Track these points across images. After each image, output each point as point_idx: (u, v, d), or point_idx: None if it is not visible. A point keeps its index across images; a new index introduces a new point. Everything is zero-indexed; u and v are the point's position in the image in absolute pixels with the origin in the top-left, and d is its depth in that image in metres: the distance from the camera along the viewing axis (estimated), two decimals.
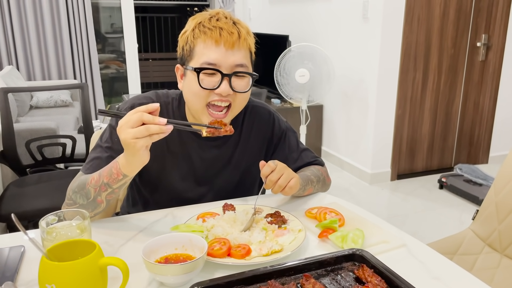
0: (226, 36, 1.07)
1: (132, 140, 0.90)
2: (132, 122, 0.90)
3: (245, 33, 1.12)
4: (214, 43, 1.08)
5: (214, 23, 1.09)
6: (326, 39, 3.97)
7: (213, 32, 1.08)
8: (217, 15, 1.12)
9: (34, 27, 4.59)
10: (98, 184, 1.03)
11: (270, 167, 1.11)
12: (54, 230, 0.90)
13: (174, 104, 1.24)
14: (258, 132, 1.30)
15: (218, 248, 0.94)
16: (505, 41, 3.75)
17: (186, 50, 1.12)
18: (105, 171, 1.02)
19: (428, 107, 3.70)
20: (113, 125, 1.17)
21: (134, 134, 0.90)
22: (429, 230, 2.86)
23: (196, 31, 1.10)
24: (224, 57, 1.08)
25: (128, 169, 0.98)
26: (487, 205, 1.43)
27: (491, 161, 4.04)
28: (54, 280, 0.72)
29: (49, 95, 4.34)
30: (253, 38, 1.16)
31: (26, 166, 2.33)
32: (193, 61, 1.11)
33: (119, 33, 6.27)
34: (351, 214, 1.16)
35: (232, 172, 1.28)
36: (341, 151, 4.01)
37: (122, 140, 0.92)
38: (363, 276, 0.83)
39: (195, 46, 1.10)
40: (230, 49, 1.08)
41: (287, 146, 1.34)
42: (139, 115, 0.90)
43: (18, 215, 0.76)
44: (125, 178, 1.01)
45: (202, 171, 1.25)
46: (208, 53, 1.08)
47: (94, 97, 4.98)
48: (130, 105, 1.18)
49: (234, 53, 1.09)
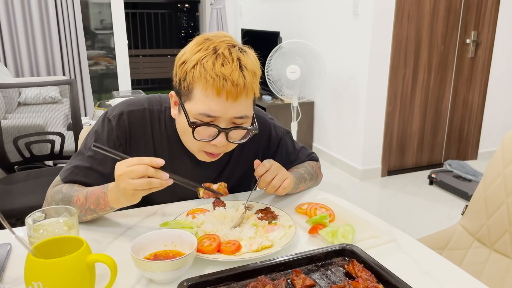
0: (229, 88, 0.96)
1: (132, 191, 0.91)
2: (134, 174, 0.89)
3: (251, 80, 1.00)
4: (215, 93, 0.97)
5: (218, 70, 0.96)
6: (317, 35, 3.97)
7: (215, 82, 0.96)
8: (222, 55, 0.98)
9: (22, 22, 4.53)
10: (84, 207, 1.03)
11: (264, 167, 1.10)
12: (41, 227, 0.89)
13: (167, 114, 1.16)
14: (253, 143, 1.23)
15: (208, 244, 0.94)
16: (494, 38, 3.78)
17: (183, 87, 1.02)
18: (92, 197, 1.02)
19: (418, 104, 3.72)
20: (98, 131, 1.13)
21: (136, 186, 0.90)
22: (419, 226, 2.88)
23: (196, 73, 0.98)
24: (224, 110, 0.99)
25: (116, 204, 1.00)
26: (476, 201, 1.44)
27: (480, 157, 4.08)
28: (41, 277, 0.71)
29: (38, 92, 4.29)
30: (259, 76, 1.04)
31: (14, 163, 2.29)
32: (191, 104, 1.01)
33: (108, 29, 6.21)
34: (341, 209, 1.16)
35: (226, 182, 1.25)
36: (332, 148, 4.02)
37: (121, 188, 0.92)
38: (353, 271, 0.83)
39: (194, 88, 0.99)
40: (233, 102, 0.98)
41: (284, 151, 1.31)
42: (143, 169, 0.89)
43: (5, 213, 0.75)
44: (112, 209, 1.02)
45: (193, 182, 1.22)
46: (208, 104, 0.98)
47: (83, 94, 4.93)
48: (119, 112, 1.13)
49: (236, 105, 0.99)
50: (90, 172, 1.11)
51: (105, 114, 1.14)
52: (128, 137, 1.13)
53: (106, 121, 1.13)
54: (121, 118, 1.12)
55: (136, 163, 0.90)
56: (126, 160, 0.93)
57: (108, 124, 1.12)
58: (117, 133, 1.12)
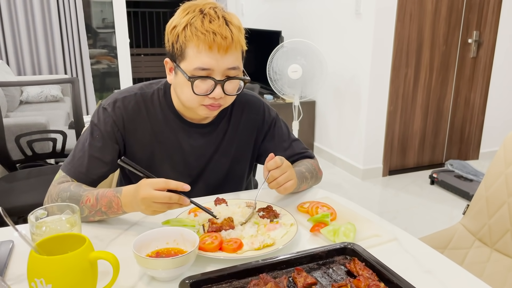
0: (219, 41, 1.05)
1: (151, 211, 0.97)
2: (159, 200, 0.94)
3: (237, 34, 1.09)
4: (207, 48, 1.06)
5: (207, 26, 1.06)
6: (319, 35, 3.96)
7: (206, 37, 1.05)
8: (209, 14, 1.08)
9: (24, 20, 4.53)
10: (94, 208, 1.05)
11: (276, 163, 1.11)
12: (44, 224, 0.89)
13: (160, 93, 1.23)
14: (248, 120, 1.30)
15: (210, 242, 0.94)
16: (496, 37, 3.77)
17: (176, 49, 1.10)
18: (104, 200, 1.05)
19: (419, 104, 3.72)
20: (94, 121, 1.18)
21: (156, 209, 0.96)
22: (420, 225, 2.88)
23: (188, 32, 1.07)
24: (217, 62, 1.07)
25: (129, 209, 1.04)
26: (477, 200, 1.44)
27: (481, 157, 4.07)
28: (43, 274, 0.71)
29: (40, 90, 4.29)
30: (244, 33, 1.14)
31: (16, 162, 2.30)
32: (185, 63, 1.09)
33: (110, 28, 6.22)
34: (343, 208, 1.17)
35: (221, 160, 1.29)
36: (333, 147, 4.02)
37: (142, 208, 0.97)
38: (355, 270, 0.83)
39: (187, 48, 1.08)
40: (223, 54, 1.07)
41: (277, 134, 1.35)
42: (167, 198, 0.94)
43: (7, 211, 0.75)
44: (124, 213, 1.06)
45: (192, 159, 1.25)
46: (202, 58, 1.06)
47: (85, 92, 4.94)
48: (113, 100, 1.19)
49: (227, 57, 1.08)
50: (91, 161, 1.15)
51: (100, 105, 1.21)
52: (124, 122, 1.18)
53: (101, 110, 1.19)
54: (116, 105, 1.18)
55: (162, 187, 0.95)
56: (153, 181, 0.96)
57: (104, 113, 1.18)
58: (114, 118, 1.17)
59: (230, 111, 1.28)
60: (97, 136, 1.16)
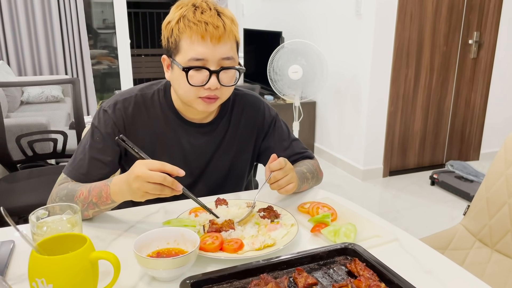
0: (212, 31, 1.07)
1: (143, 192, 0.94)
2: (152, 179, 0.92)
3: (230, 24, 1.11)
4: (200, 38, 1.07)
5: (199, 17, 1.08)
6: (319, 35, 3.97)
7: (198, 27, 1.07)
8: (201, 6, 1.10)
9: (25, 21, 4.54)
10: (86, 201, 1.05)
11: (280, 164, 1.11)
12: (45, 224, 0.89)
13: (160, 94, 1.24)
14: (248, 119, 1.31)
15: (211, 242, 0.94)
16: (496, 38, 3.77)
17: (171, 43, 1.12)
18: (95, 190, 1.04)
19: (420, 104, 3.72)
20: (95, 123, 1.19)
21: (149, 189, 0.94)
22: (420, 226, 2.88)
23: (181, 25, 1.09)
24: (211, 52, 1.08)
25: (118, 198, 1.02)
26: (478, 201, 1.44)
27: (482, 158, 4.07)
28: (44, 274, 0.71)
29: (40, 91, 4.29)
30: (237, 25, 1.15)
31: (16, 162, 2.30)
32: (180, 55, 1.10)
33: (111, 28, 6.23)
34: (343, 208, 1.17)
35: (222, 159, 1.29)
36: (334, 148, 4.02)
37: (134, 188, 0.95)
38: (355, 270, 0.83)
39: (180, 40, 1.09)
40: (216, 43, 1.08)
41: (277, 133, 1.35)
42: (162, 178, 0.92)
43: (8, 211, 0.75)
44: (113, 203, 1.04)
45: (193, 158, 1.25)
46: (195, 48, 1.08)
47: (85, 93, 4.94)
48: (114, 102, 1.19)
49: (220, 47, 1.09)
50: (92, 162, 1.15)
51: (100, 108, 1.21)
52: (125, 123, 1.19)
53: (102, 112, 1.19)
54: (116, 106, 1.19)
55: (158, 168, 0.93)
56: (148, 161, 0.96)
57: (105, 115, 1.18)
58: (114, 120, 1.18)
59: (231, 110, 1.29)
60: (98, 138, 1.16)
